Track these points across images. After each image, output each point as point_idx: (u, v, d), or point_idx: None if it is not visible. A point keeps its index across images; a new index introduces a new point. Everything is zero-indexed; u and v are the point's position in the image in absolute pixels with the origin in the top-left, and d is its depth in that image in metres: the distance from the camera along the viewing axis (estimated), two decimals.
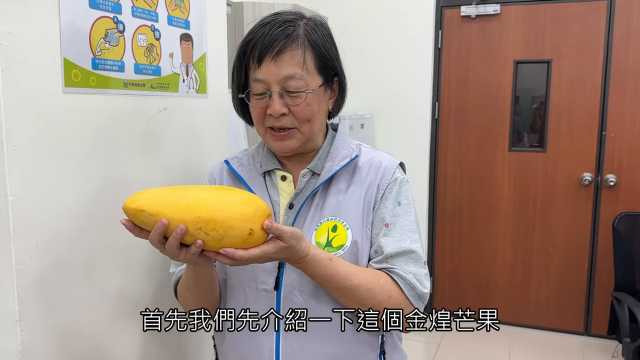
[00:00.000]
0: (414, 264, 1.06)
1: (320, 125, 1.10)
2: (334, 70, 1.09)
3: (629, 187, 3.25)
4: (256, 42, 1.02)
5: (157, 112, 1.31)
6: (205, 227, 0.89)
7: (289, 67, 1.01)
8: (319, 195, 1.09)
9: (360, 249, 1.07)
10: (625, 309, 2.52)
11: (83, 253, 1.15)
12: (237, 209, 0.91)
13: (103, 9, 1.13)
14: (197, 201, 0.91)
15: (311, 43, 1.04)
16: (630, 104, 3.20)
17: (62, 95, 1.06)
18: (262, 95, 1.04)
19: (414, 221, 1.10)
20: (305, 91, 1.03)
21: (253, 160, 1.17)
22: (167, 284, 1.42)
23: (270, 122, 1.05)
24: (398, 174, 1.12)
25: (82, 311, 1.16)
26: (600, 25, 3.20)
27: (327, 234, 1.06)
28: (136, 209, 0.91)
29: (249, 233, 0.91)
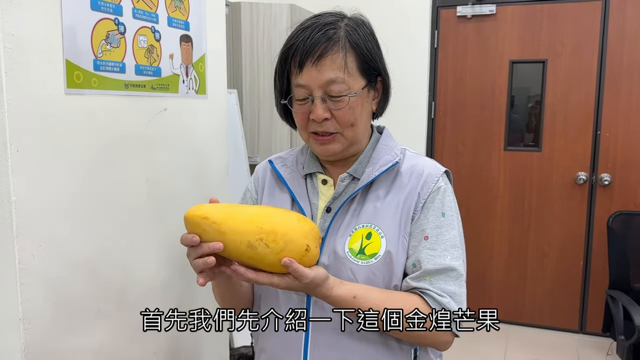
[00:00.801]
0: (454, 282, 1.00)
1: (364, 128, 1.07)
2: (377, 70, 1.06)
3: (623, 186, 3.28)
4: (297, 47, 1.00)
5: (158, 112, 1.32)
6: (266, 238, 0.90)
7: (330, 71, 0.99)
8: (357, 201, 1.06)
9: (394, 259, 1.02)
10: (620, 307, 2.54)
11: (86, 252, 1.16)
12: (296, 224, 0.93)
13: (104, 11, 1.14)
14: (259, 214, 0.94)
15: (352, 45, 1.01)
16: (624, 103, 3.22)
17: (64, 97, 1.07)
18: (304, 101, 1.02)
19: (457, 235, 1.04)
20: (348, 95, 1.00)
21: (296, 161, 1.15)
22: (169, 282, 1.43)
23: (313, 127, 1.03)
24: (441, 182, 1.05)
25: (85, 310, 1.17)
26: (595, 26, 3.22)
27: (361, 240, 1.03)
28: (200, 216, 0.91)
29: (306, 249, 0.92)
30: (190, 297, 1.52)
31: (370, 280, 1.01)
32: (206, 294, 1.58)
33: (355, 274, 1.01)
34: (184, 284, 1.49)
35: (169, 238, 1.42)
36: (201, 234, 0.92)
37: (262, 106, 2.91)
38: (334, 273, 1.01)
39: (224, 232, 0.90)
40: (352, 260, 1.02)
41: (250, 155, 2.90)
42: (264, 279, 0.91)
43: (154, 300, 1.37)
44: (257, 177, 1.20)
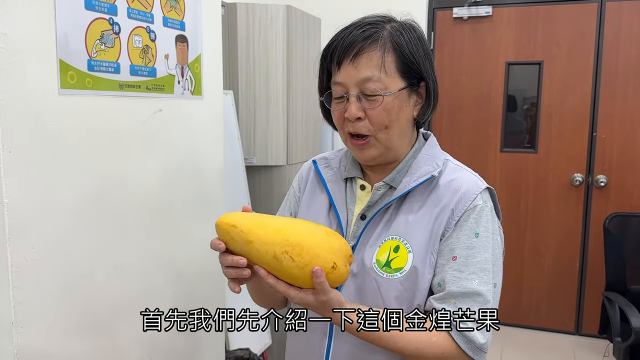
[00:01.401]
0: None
1: (401, 133, 1.03)
2: (420, 74, 1.01)
3: (619, 188, 3.28)
4: (336, 45, 1.00)
5: (153, 113, 1.31)
6: (292, 251, 0.89)
7: (367, 69, 0.97)
8: (392, 211, 1.03)
9: (419, 276, 0.98)
10: (616, 308, 2.54)
11: (79, 255, 1.15)
12: (325, 239, 0.93)
13: (99, 11, 1.13)
14: (287, 226, 0.93)
15: (394, 45, 0.98)
16: (620, 105, 3.23)
17: (58, 97, 1.06)
18: (341, 99, 1.01)
19: (489, 259, 0.98)
20: (383, 94, 0.97)
21: (340, 163, 1.14)
22: (166, 283, 1.42)
23: (348, 127, 1.01)
24: (479, 200, 1.00)
25: (78, 313, 1.15)
26: (590, 28, 3.23)
27: (389, 253, 1.00)
28: (229, 223, 0.92)
29: (332, 266, 0.90)
30: (187, 299, 1.50)
31: (393, 294, 0.99)
32: (202, 297, 1.57)
33: (380, 286, 0.99)
34: (180, 286, 1.48)
35: (164, 240, 1.41)
36: (229, 241, 0.93)
37: (258, 107, 2.90)
38: (360, 283, 1.01)
39: (251, 241, 0.90)
40: (377, 272, 1.00)
41: (247, 157, 2.88)
42: (281, 288, 0.90)
43: (149, 302, 1.35)
44: (301, 176, 1.19)
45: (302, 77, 2.94)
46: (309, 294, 0.90)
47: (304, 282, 0.91)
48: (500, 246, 1.03)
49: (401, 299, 0.99)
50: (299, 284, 0.91)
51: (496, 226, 1.02)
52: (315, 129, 3.15)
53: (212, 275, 1.64)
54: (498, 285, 1.00)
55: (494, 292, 0.98)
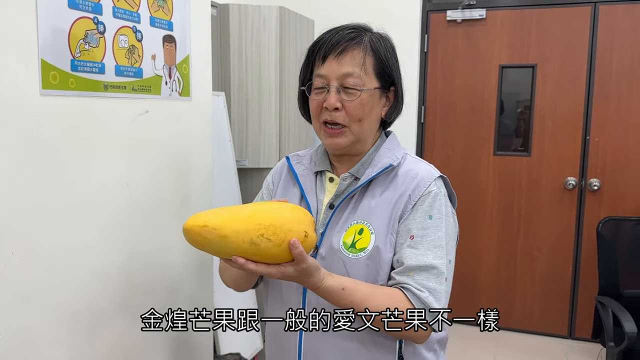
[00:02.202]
0: (435, 279, 1.06)
1: (370, 128, 1.15)
2: (392, 78, 1.15)
3: (613, 191, 3.28)
4: (323, 43, 1.12)
5: (139, 115, 1.28)
6: (267, 232, 0.94)
7: (349, 65, 1.09)
8: (356, 199, 1.14)
9: (381, 254, 1.09)
10: (609, 313, 2.53)
11: (63, 260, 1.12)
12: (291, 213, 0.99)
13: (83, 9, 1.10)
14: (255, 211, 0.97)
15: (373, 49, 1.12)
16: (613, 108, 3.23)
17: (40, 98, 1.03)
18: (321, 89, 1.12)
19: (442, 237, 1.09)
20: (360, 89, 1.09)
21: (310, 159, 1.25)
22: (149, 289, 1.39)
23: (324, 115, 1.12)
24: (434, 187, 1.12)
25: (60, 319, 1.12)
26: (584, 31, 3.23)
27: (354, 235, 1.11)
28: (199, 225, 0.93)
29: (305, 235, 0.97)
30: (175, 301, 1.47)
31: (359, 272, 1.09)
32: (188, 298, 1.54)
33: (346, 265, 1.09)
34: (167, 288, 1.45)
35: (150, 244, 1.38)
36: (202, 242, 0.94)
37: (250, 109, 2.88)
38: (329, 264, 1.10)
39: (226, 236, 0.93)
40: (344, 253, 1.10)
41: (238, 159, 2.86)
42: (262, 269, 0.97)
43: (133, 308, 1.33)
44: (276, 170, 1.30)
45: (294, 79, 2.91)
46: (288, 266, 0.98)
47: (282, 258, 0.97)
48: (453, 228, 1.15)
49: (366, 276, 1.08)
50: (277, 260, 0.97)
51: (449, 210, 1.14)
52: (308, 131, 3.13)
53: (199, 276, 1.61)
54: (452, 262, 1.12)
55: (447, 267, 1.08)
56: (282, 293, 1.17)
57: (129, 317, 1.31)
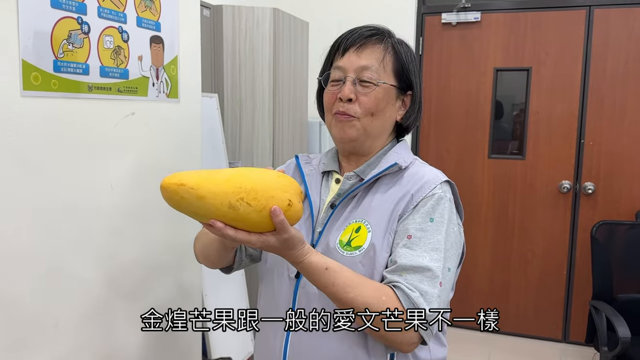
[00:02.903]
0: (428, 282, 0.99)
1: (382, 126, 1.12)
2: (409, 81, 1.13)
3: (607, 195, 3.27)
4: (345, 37, 1.12)
5: (124, 117, 1.26)
6: (247, 197, 0.89)
7: (368, 59, 1.08)
8: (358, 198, 1.11)
9: (377, 253, 1.04)
10: (603, 317, 2.52)
11: (45, 265, 1.10)
12: (276, 180, 0.94)
13: (66, 9, 1.08)
14: (236, 174, 0.92)
15: (394, 49, 1.11)
16: (608, 112, 3.22)
17: (20, 99, 1.01)
18: (337, 82, 1.10)
19: (441, 241, 1.03)
20: (376, 82, 1.07)
21: (319, 161, 1.23)
22: (135, 295, 1.37)
23: (337, 106, 1.10)
24: (438, 190, 1.07)
25: (42, 325, 1.10)
26: (579, 34, 3.22)
27: (351, 234, 1.07)
28: (176, 183, 0.88)
29: (288, 204, 0.92)
30: (161, 306, 1.45)
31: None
32: (175, 302, 1.52)
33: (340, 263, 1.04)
34: (155, 290, 1.43)
35: (135, 247, 1.36)
36: (179, 201, 0.89)
37: (244, 111, 2.86)
38: None
39: (203, 197, 0.88)
40: (339, 252, 1.06)
41: (231, 161, 2.84)
42: (242, 236, 0.92)
43: (117, 312, 1.31)
44: (284, 167, 1.27)
45: (288, 80, 2.90)
46: (269, 235, 0.93)
47: (263, 226, 0.91)
48: (456, 236, 1.08)
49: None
50: (258, 229, 0.92)
51: (454, 217, 1.09)
52: (302, 133, 3.11)
53: (186, 280, 1.59)
54: (452, 271, 1.05)
55: (444, 272, 1.01)
56: (274, 295, 1.13)
57: (113, 321, 1.29)
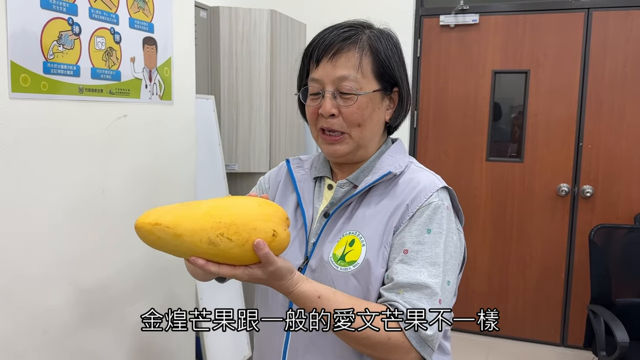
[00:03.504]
0: (427, 300, 0.94)
1: (372, 133, 1.07)
2: (394, 79, 1.06)
3: (605, 198, 3.25)
4: (317, 44, 1.04)
5: (116, 119, 1.25)
6: (227, 231, 0.84)
7: (344, 68, 1.01)
8: (352, 208, 1.06)
9: (372, 269, 0.99)
10: (602, 322, 2.50)
11: (34, 269, 1.08)
12: (257, 210, 0.88)
13: (56, 10, 1.07)
14: (215, 207, 0.87)
15: (371, 48, 1.03)
16: (606, 114, 3.21)
17: (9, 101, 0.99)
18: (316, 95, 1.04)
19: (440, 254, 0.98)
20: (357, 93, 1.01)
21: (312, 164, 1.17)
22: (126, 301, 1.35)
23: (321, 122, 1.04)
24: (435, 198, 1.01)
25: (30, 332, 1.08)
26: (577, 37, 3.21)
27: (344, 247, 1.02)
28: (151, 223, 0.84)
29: (273, 234, 0.87)
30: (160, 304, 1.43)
31: (347, 288, 0.98)
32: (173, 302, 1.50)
33: (334, 280, 1.00)
34: (145, 299, 1.41)
35: (127, 251, 1.34)
36: (155, 241, 0.85)
37: (240, 113, 2.84)
38: (317, 277, 1.01)
39: (180, 235, 0.84)
40: (332, 266, 1.01)
41: (228, 163, 2.82)
42: (226, 271, 0.88)
43: (109, 316, 1.29)
44: (274, 172, 1.23)
45: (285, 83, 2.89)
46: (256, 268, 0.88)
47: (248, 259, 0.86)
48: (457, 246, 1.03)
49: (355, 293, 0.98)
50: (243, 262, 0.87)
51: (452, 225, 1.03)
52: (299, 135, 3.09)
53: (181, 282, 1.57)
54: (452, 283, 1.00)
55: (443, 287, 0.96)
56: (267, 302, 1.10)
57: (104, 327, 1.28)
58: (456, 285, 1.04)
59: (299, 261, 1.06)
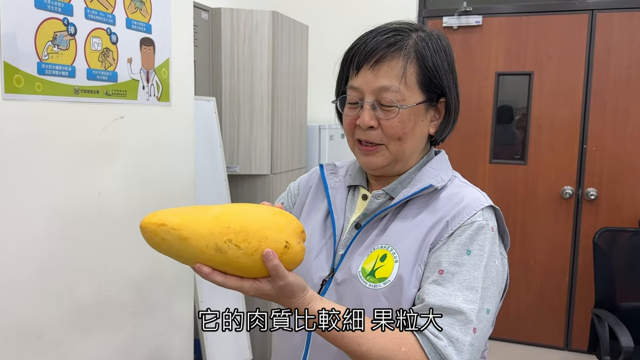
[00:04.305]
0: (460, 327, 0.85)
1: (414, 147, 0.98)
2: (441, 89, 0.97)
3: (610, 201, 3.22)
4: (358, 49, 0.96)
5: (113, 120, 1.23)
6: (236, 238, 0.79)
7: (386, 78, 0.93)
8: (387, 220, 0.98)
9: (404, 288, 0.91)
10: (606, 326, 2.47)
11: (28, 274, 1.06)
12: (270, 219, 0.83)
13: (51, 10, 1.05)
14: (225, 212, 0.82)
15: (417, 55, 0.94)
16: (611, 117, 3.18)
17: (2, 102, 0.98)
18: (355, 105, 0.97)
19: (479, 278, 0.88)
20: (399, 106, 0.93)
21: (346, 171, 1.11)
22: (122, 306, 1.34)
23: (358, 134, 0.97)
24: (479, 217, 0.92)
25: (25, 336, 1.07)
26: (581, 38, 3.18)
27: (375, 262, 0.94)
28: (156, 223, 0.80)
29: (285, 246, 0.81)
30: (152, 317, 1.42)
31: (375, 306, 0.91)
32: (166, 313, 1.48)
33: (361, 296, 0.93)
34: (144, 303, 1.40)
35: (124, 255, 1.33)
36: (160, 243, 0.81)
37: (242, 114, 2.83)
38: (342, 292, 0.95)
39: (186, 238, 0.79)
40: (360, 281, 0.93)
41: (229, 165, 2.81)
42: (232, 283, 0.81)
43: (104, 322, 1.27)
44: (306, 177, 1.17)
45: (287, 84, 2.87)
46: (264, 282, 0.82)
47: (257, 271, 0.81)
48: (499, 271, 0.93)
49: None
50: (251, 274, 0.82)
51: (496, 248, 0.94)
52: (301, 137, 3.08)
53: (178, 290, 1.55)
54: (491, 312, 0.90)
55: (479, 316, 0.87)
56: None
57: (101, 331, 1.26)
58: (495, 314, 0.95)
59: (325, 273, 1.00)
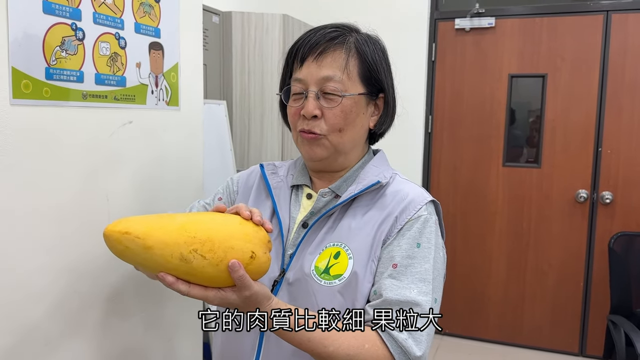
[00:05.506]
0: (417, 319, 0.91)
1: (353, 139, 1.02)
2: (380, 84, 1.03)
3: (625, 205, 3.17)
4: (302, 44, 1.00)
5: (121, 125, 1.23)
6: (201, 248, 0.79)
7: (330, 68, 0.97)
8: (335, 218, 1.01)
9: (359, 284, 0.95)
10: (622, 332, 2.43)
11: (37, 279, 1.06)
12: (237, 228, 0.83)
13: (59, 15, 1.05)
14: (192, 221, 0.82)
15: (358, 50, 1.00)
16: (626, 119, 3.13)
17: (10, 108, 0.98)
18: (299, 95, 1.01)
19: (429, 270, 0.94)
20: (342, 94, 0.97)
21: (288, 171, 1.13)
22: (130, 312, 1.33)
23: (301, 124, 1.00)
24: (424, 211, 0.98)
25: (32, 340, 1.07)
26: (596, 40, 3.14)
27: (329, 259, 0.97)
28: (120, 231, 0.80)
29: (251, 256, 0.81)
30: (155, 322, 1.41)
31: (331, 304, 0.94)
32: (172, 313, 1.47)
33: (316, 294, 0.95)
34: (147, 308, 1.39)
35: None
36: (123, 251, 0.80)
37: (253, 117, 2.83)
38: (295, 291, 0.97)
39: (151, 247, 0.79)
40: (315, 280, 0.96)
41: (239, 169, 2.80)
42: (197, 292, 0.82)
43: (108, 327, 1.27)
44: (245, 175, 1.18)
45: None
46: (229, 292, 0.83)
47: (222, 281, 0.81)
48: (442, 262, 1.00)
49: (339, 309, 0.94)
50: (217, 283, 0.81)
51: (440, 241, 1.01)
52: None
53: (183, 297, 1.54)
54: (438, 300, 0.97)
55: (432, 305, 0.93)
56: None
57: (110, 335, 1.26)
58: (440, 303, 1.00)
59: (275, 273, 1.01)
